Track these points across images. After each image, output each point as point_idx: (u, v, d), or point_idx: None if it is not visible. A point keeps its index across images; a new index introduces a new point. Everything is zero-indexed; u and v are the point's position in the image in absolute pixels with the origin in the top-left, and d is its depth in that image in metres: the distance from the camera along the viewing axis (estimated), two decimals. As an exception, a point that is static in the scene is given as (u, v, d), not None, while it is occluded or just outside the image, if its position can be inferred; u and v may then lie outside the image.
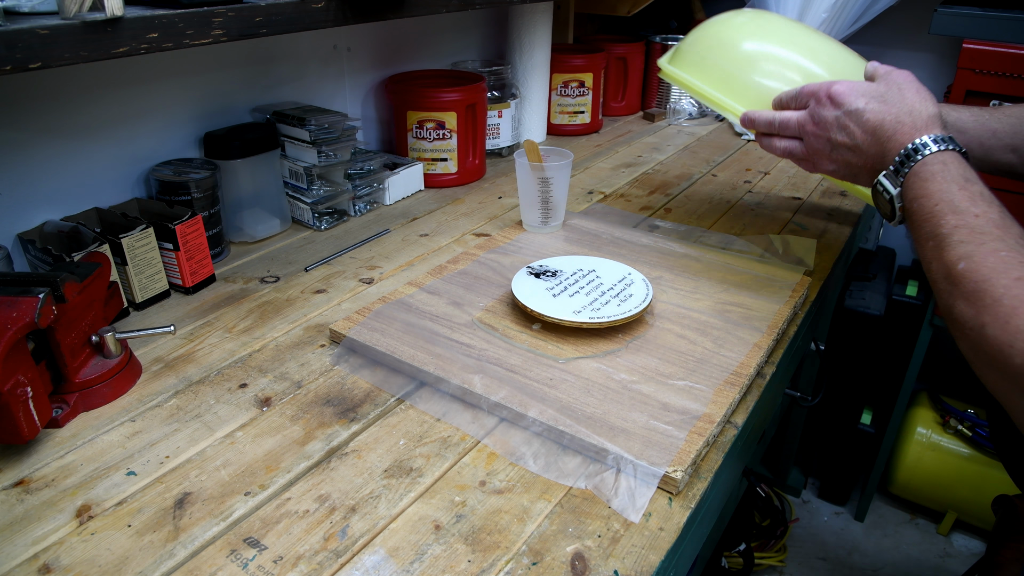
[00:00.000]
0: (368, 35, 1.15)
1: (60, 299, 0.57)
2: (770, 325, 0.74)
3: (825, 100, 0.64)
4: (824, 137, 0.64)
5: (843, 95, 0.63)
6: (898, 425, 1.59)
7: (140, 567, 0.47)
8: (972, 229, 0.47)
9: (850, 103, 0.62)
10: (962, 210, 0.49)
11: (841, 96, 0.63)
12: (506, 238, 0.93)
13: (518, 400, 0.61)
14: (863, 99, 0.62)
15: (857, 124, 0.61)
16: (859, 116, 0.61)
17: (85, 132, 0.81)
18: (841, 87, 0.63)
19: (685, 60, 0.85)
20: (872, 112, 0.60)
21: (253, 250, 0.93)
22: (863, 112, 0.61)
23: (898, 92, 0.61)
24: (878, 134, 0.60)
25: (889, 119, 0.59)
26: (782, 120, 0.69)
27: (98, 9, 0.50)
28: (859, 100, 0.62)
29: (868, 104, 0.61)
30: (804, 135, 0.67)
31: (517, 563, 0.48)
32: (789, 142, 0.69)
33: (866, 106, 0.61)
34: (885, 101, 0.61)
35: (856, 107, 0.62)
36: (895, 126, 0.58)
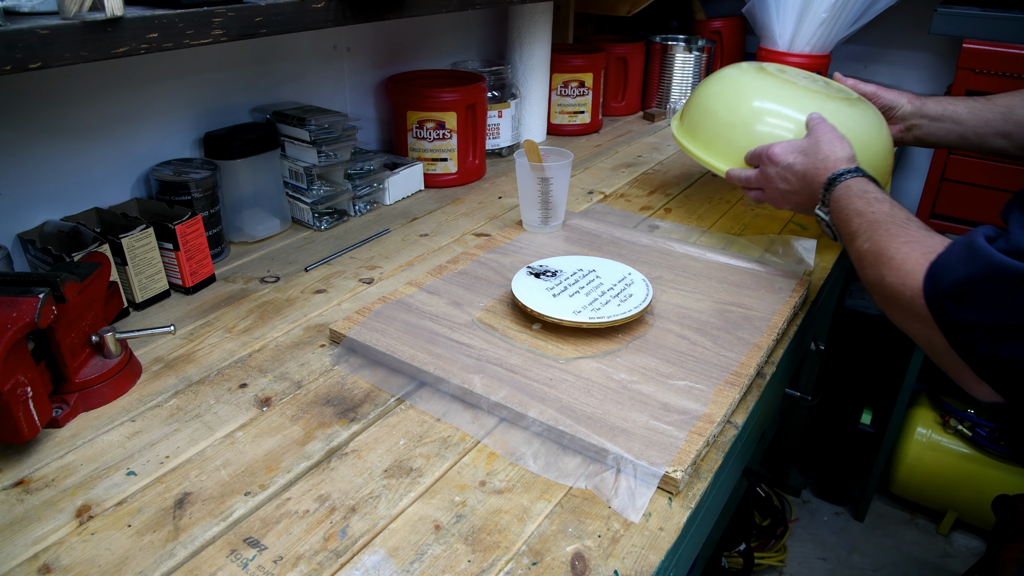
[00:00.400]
0: (368, 35, 1.15)
1: (60, 299, 0.57)
2: (770, 325, 0.74)
3: (767, 160, 0.82)
4: (774, 187, 0.82)
5: (778, 155, 0.81)
6: (898, 425, 1.59)
7: (140, 567, 0.47)
8: (870, 223, 0.64)
9: (783, 160, 0.80)
10: (862, 212, 0.66)
11: (776, 156, 0.81)
12: (506, 238, 0.93)
13: (518, 400, 0.61)
14: (791, 156, 0.79)
15: (792, 174, 0.79)
16: (791, 169, 0.79)
17: (85, 132, 0.81)
18: (776, 148, 0.81)
19: (684, 127, 1.01)
20: (799, 164, 0.78)
21: (253, 250, 0.93)
22: (793, 166, 0.79)
23: (815, 145, 0.77)
24: (806, 179, 0.77)
25: (810, 167, 0.77)
26: (746, 177, 0.87)
27: (98, 9, 0.50)
28: (789, 157, 0.79)
29: (795, 159, 0.79)
30: (762, 187, 0.84)
31: (517, 563, 0.48)
32: (756, 192, 0.86)
33: (794, 161, 0.79)
34: (806, 154, 0.78)
35: (788, 162, 0.79)
36: (815, 172, 0.76)
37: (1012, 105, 0.85)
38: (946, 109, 0.90)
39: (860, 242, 0.63)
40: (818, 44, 1.39)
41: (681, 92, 1.57)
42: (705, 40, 1.59)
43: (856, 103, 0.91)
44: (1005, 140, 0.85)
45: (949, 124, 0.89)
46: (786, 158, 0.79)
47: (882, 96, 0.94)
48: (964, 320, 0.50)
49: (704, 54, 1.55)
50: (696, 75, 1.56)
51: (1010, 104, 0.85)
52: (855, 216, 0.66)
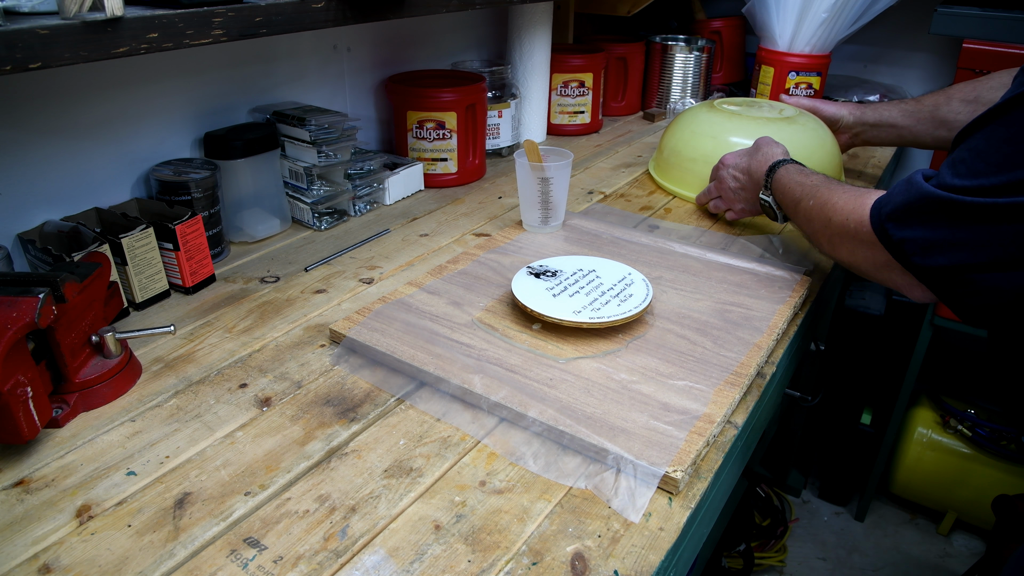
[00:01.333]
0: (368, 35, 1.15)
1: (60, 299, 0.57)
2: (770, 325, 0.74)
3: (719, 167, 0.98)
4: (726, 187, 0.96)
5: (727, 160, 0.96)
6: (898, 425, 1.59)
7: (140, 567, 0.47)
8: (812, 186, 0.77)
9: (731, 162, 0.95)
10: (802, 182, 0.79)
11: (726, 160, 0.97)
12: (506, 238, 0.93)
13: (518, 400, 0.61)
14: (738, 158, 0.94)
15: (739, 171, 0.93)
16: (738, 167, 0.93)
17: (85, 132, 0.82)
18: (726, 157, 0.97)
19: (658, 167, 1.20)
20: (744, 162, 0.92)
21: (253, 250, 0.93)
22: (739, 164, 0.93)
23: (756, 147, 0.91)
24: (751, 172, 0.91)
25: (753, 162, 0.90)
26: (707, 190, 1.03)
27: (98, 9, 0.50)
28: (735, 159, 0.95)
29: (741, 159, 0.94)
30: (719, 192, 0.99)
31: (517, 563, 0.48)
32: (716, 200, 1.00)
33: (739, 161, 0.94)
34: (750, 155, 0.92)
35: (735, 163, 0.94)
36: (758, 164, 0.89)
37: (937, 103, 0.99)
38: (882, 115, 1.06)
39: (805, 202, 0.77)
40: (818, 44, 1.39)
41: (681, 92, 1.57)
42: (705, 40, 1.59)
43: (795, 120, 1.08)
44: (944, 129, 0.98)
45: (887, 128, 1.05)
46: (733, 160, 0.95)
47: (822, 110, 1.11)
48: (901, 237, 0.61)
49: (704, 54, 1.55)
50: (696, 75, 1.56)
51: (935, 102, 0.99)
52: (796, 186, 0.79)
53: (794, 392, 0.97)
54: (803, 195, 0.78)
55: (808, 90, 1.44)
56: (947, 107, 0.97)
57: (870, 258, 0.67)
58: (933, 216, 0.59)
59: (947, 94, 0.98)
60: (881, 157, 1.35)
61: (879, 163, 1.32)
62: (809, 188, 0.77)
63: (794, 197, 0.79)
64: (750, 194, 0.91)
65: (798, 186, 0.79)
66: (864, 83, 1.63)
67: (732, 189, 0.94)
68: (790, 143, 1.02)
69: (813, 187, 0.76)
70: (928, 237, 0.59)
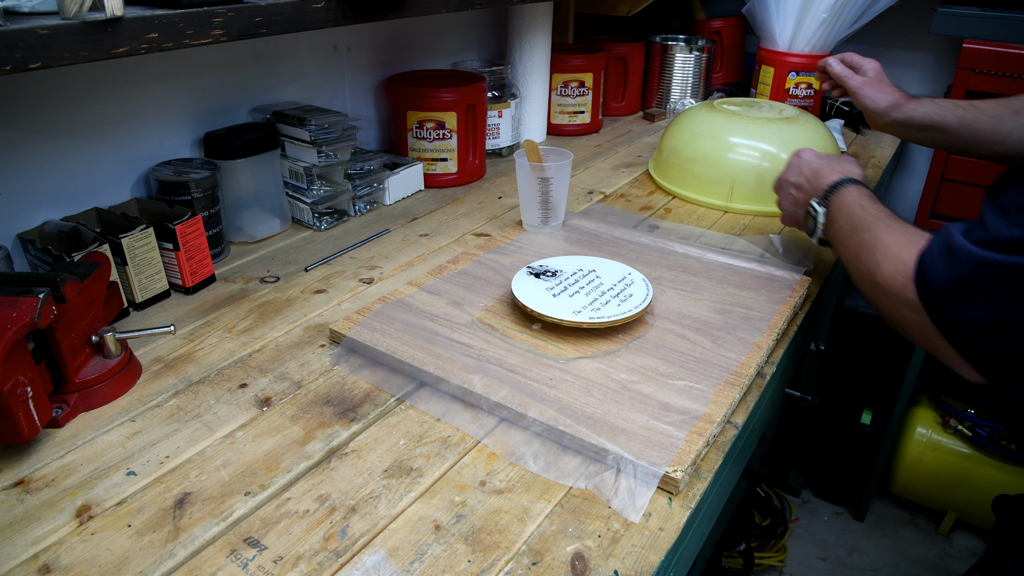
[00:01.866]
0: (368, 35, 1.15)
1: (60, 299, 0.57)
2: (770, 325, 0.74)
3: (795, 156, 0.86)
4: (784, 177, 0.86)
5: (804, 153, 0.85)
6: (898, 425, 1.59)
7: (140, 567, 0.47)
8: (872, 218, 0.66)
9: (805, 156, 0.85)
10: (866, 208, 0.69)
11: (802, 152, 0.86)
12: (506, 238, 0.93)
13: (518, 400, 0.61)
14: (813, 155, 0.84)
15: (805, 167, 0.83)
16: (809, 164, 0.82)
17: (85, 132, 0.81)
18: (805, 151, 0.86)
19: (658, 168, 1.19)
20: (816, 162, 0.82)
21: (253, 250, 0.93)
22: (812, 162, 0.83)
23: (839, 158, 0.82)
24: (818, 175, 0.80)
25: (826, 167, 0.80)
26: None
27: (98, 9, 0.50)
28: (811, 155, 0.84)
29: (815, 157, 0.83)
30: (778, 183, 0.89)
31: (517, 563, 0.48)
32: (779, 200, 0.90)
33: (813, 159, 0.83)
34: (828, 159, 0.82)
35: (807, 159, 0.84)
36: (829, 171, 0.78)
37: (1001, 116, 0.86)
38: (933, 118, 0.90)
39: (860, 234, 0.66)
40: (818, 44, 1.40)
41: (681, 92, 1.57)
42: (705, 40, 1.59)
43: (795, 120, 1.07)
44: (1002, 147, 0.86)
45: (936, 132, 0.91)
46: (808, 155, 0.84)
47: (863, 97, 0.96)
48: (961, 321, 0.50)
49: (704, 54, 1.55)
50: (696, 75, 1.56)
51: (999, 113, 0.86)
52: (859, 209, 0.69)
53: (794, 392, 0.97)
54: (861, 224, 0.66)
55: (808, 90, 1.44)
56: (1013, 122, 0.84)
57: (916, 323, 0.56)
58: (995, 288, 0.47)
59: (1012, 106, 0.86)
60: (881, 157, 1.35)
61: (879, 163, 1.32)
62: (870, 218, 0.66)
63: (851, 222, 0.68)
64: (802, 195, 0.81)
65: (861, 210, 0.68)
66: (864, 83, 1.63)
67: (786, 180, 0.85)
68: (790, 143, 1.03)
69: (875, 218, 0.65)
70: (994, 318, 0.48)
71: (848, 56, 1.00)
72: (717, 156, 1.06)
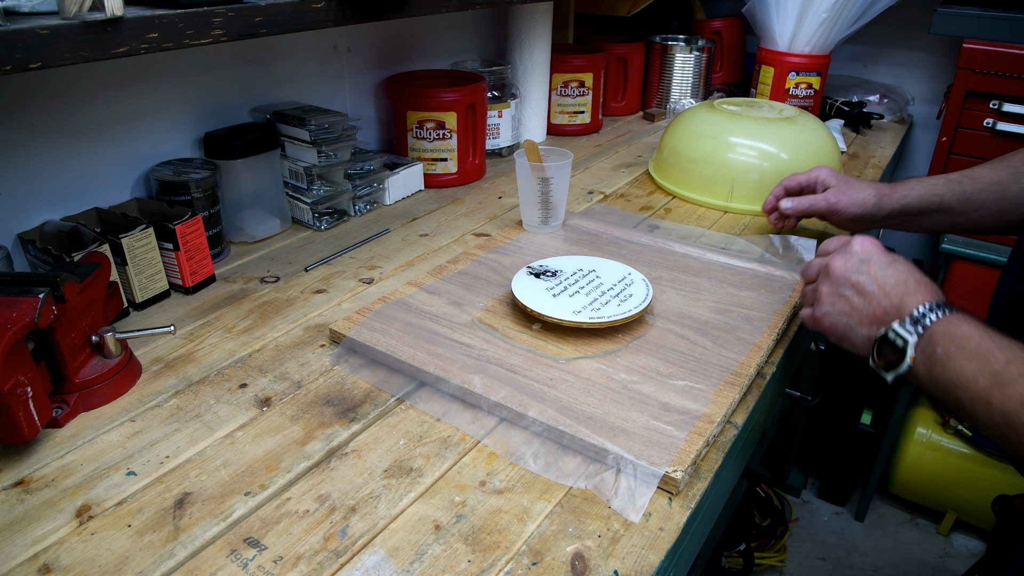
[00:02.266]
0: (368, 35, 1.15)
1: (60, 299, 0.57)
2: (770, 325, 0.74)
3: (852, 243, 0.65)
4: (841, 273, 0.64)
5: (864, 242, 0.65)
6: (898, 425, 1.59)
7: (140, 567, 0.47)
8: (1023, 361, 0.49)
9: (869, 249, 0.64)
10: (1003, 346, 0.51)
11: (861, 242, 0.65)
12: (506, 238, 0.93)
13: (518, 400, 0.61)
14: (879, 253, 0.64)
15: (877, 270, 0.62)
16: (878, 265, 0.62)
17: (85, 132, 0.81)
18: (865, 240, 0.65)
19: (658, 168, 1.18)
20: (888, 267, 0.62)
21: (253, 250, 0.93)
22: (882, 263, 0.62)
23: (911, 267, 0.62)
24: (884, 286, 0.60)
25: (906, 277, 0.60)
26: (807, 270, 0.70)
27: (98, 9, 0.50)
28: (875, 251, 0.64)
29: (885, 260, 0.63)
30: (826, 271, 0.66)
31: (517, 563, 0.48)
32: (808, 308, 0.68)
33: (884, 260, 0.63)
34: (901, 266, 0.62)
35: (875, 256, 0.63)
36: (912, 284, 0.60)
37: (1002, 181, 0.78)
38: (931, 200, 0.81)
39: (1017, 389, 0.48)
40: (818, 44, 1.40)
41: (681, 92, 1.57)
42: (705, 40, 1.59)
43: (795, 120, 1.07)
44: (1016, 214, 0.78)
45: (937, 215, 0.82)
46: (875, 252, 0.63)
47: (844, 209, 0.85)
48: None
49: (704, 54, 1.55)
50: (696, 75, 1.56)
51: (999, 180, 0.79)
52: (996, 350, 0.51)
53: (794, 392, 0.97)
54: (1006, 372, 0.49)
55: (808, 90, 1.44)
56: (1016, 186, 0.77)
57: None
58: None
59: (1010, 168, 0.78)
60: (881, 157, 1.35)
61: (879, 163, 1.32)
62: (1020, 364, 0.49)
63: (984, 369, 0.50)
64: (870, 308, 0.61)
65: (998, 351, 0.51)
66: (864, 83, 1.63)
67: (848, 281, 0.63)
68: (790, 143, 1.03)
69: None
70: None
71: (789, 181, 0.91)
72: (717, 156, 1.06)
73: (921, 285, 0.59)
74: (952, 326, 0.54)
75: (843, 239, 0.66)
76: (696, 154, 1.08)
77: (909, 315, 0.57)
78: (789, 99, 1.44)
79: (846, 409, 1.66)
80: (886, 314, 0.59)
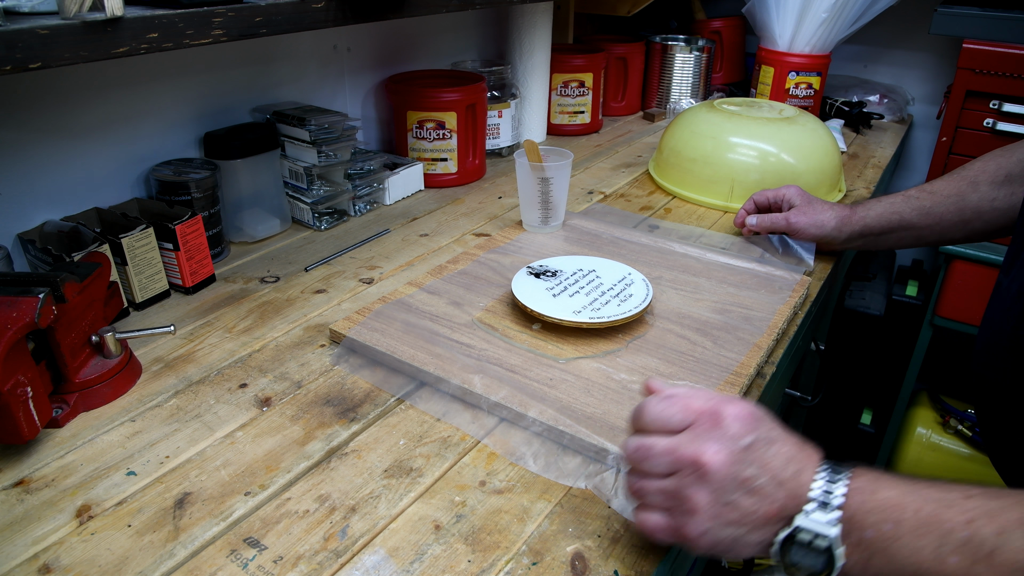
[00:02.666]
0: (368, 35, 1.15)
1: (60, 299, 0.57)
2: (770, 325, 0.74)
3: (721, 434, 0.43)
4: (727, 479, 0.43)
5: (725, 408, 0.44)
6: (898, 425, 1.59)
7: (140, 567, 0.47)
8: (990, 516, 0.38)
9: (727, 415, 0.44)
10: (952, 503, 0.39)
11: (724, 409, 0.44)
12: (506, 238, 0.93)
13: (518, 400, 0.61)
14: (742, 421, 0.44)
15: (765, 460, 0.43)
16: (768, 449, 0.43)
17: (85, 132, 0.81)
18: (733, 406, 0.44)
19: (658, 168, 1.18)
20: (779, 443, 0.44)
21: (253, 250, 0.93)
22: (771, 441, 0.43)
23: (778, 427, 0.45)
24: (791, 466, 0.43)
25: (793, 447, 0.44)
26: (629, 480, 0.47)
27: (98, 9, 0.50)
28: (738, 420, 0.44)
29: (747, 421, 0.44)
30: (685, 468, 0.43)
31: (517, 563, 0.48)
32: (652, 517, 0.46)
33: (770, 430, 0.44)
34: (777, 436, 0.44)
35: (734, 428, 0.43)
36: (799, 451, 0.44)
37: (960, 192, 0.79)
38: (890, 219, 0.82)
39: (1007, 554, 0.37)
40: (818, 44, 1.40)
41: (681, 92, 1.57)
42: (705, 40, 1.59)
43: (795, 120, 1.06)
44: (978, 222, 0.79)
45: (900, 232, 0.83)
46: (749, 428, 0.44)
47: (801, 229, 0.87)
48: None
49: (704, 54, 1.55)
50: (696, 75, 1.56)
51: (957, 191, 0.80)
52: (946, 509, 0.39)
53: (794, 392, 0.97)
54: (976, 532, 0.38)
55: (808, 90, 1.44)
56: (975, 194, 0.79)
57: None
58: None
59: (967, 179, 0.80)
60: (881, 157, 1.35)
61: (879, 163, 1.32)
62: (983, 522, 0.38)
63: (944, 539, 0.38)
64: (758, 514, 0.42)
65: (947, 509, 0.39)
66: (864, 83, 1.63)
67: (722, 503, 0.43)
68: (790, 143, 1.03)
69: (989, 518, 0.38)
70: None
71: (758, 196, 0.93)
72: (717, 156, 1.06)
73: (803, 448, 0.44)
74: (867, 494, 0.41)
75: (698, 405, 0.45)
76: (696, 154, 1.08)
77: (810, 499, 0.41)
78: (789, 99, 1.44)
79: (846, 409, 1.66)
80: (783, 508, 0.42)
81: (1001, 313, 0.59)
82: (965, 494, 0.40)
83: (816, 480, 0.42)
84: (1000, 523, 0.37)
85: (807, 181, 1.02)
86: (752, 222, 0.92)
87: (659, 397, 0.45)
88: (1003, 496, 0.39)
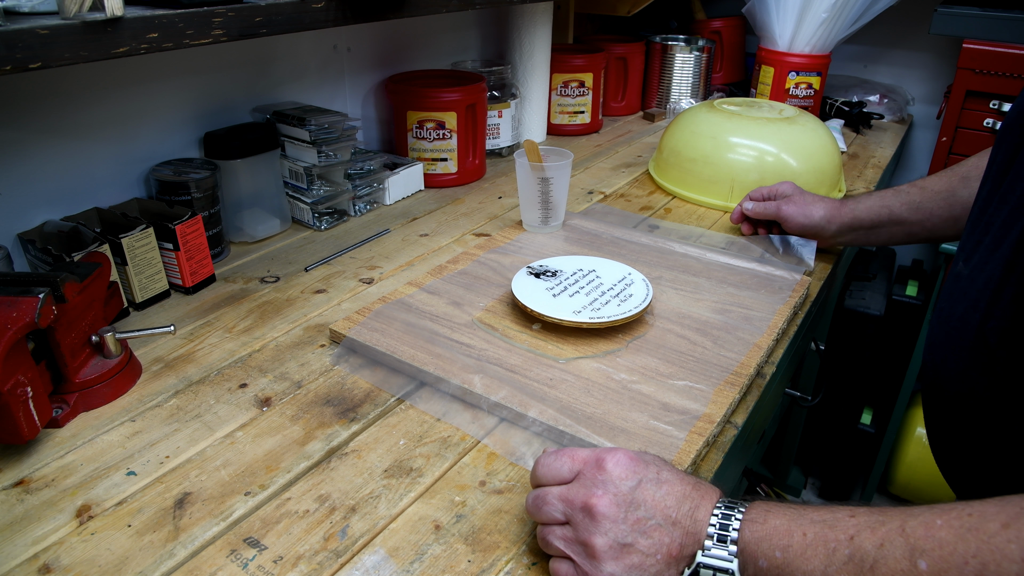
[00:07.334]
0: (368, 35, 1.15)
1: (60, 299, 0.57)
2: (770, 325, 0.74)
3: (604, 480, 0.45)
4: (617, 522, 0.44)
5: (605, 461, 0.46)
6: (898, 425, 1.59)
7: (140, 567, 0.47)
8: (872, 529, 0.39)
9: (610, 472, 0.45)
10: (836, 522, 0.40)
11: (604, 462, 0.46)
12: (506, 238, 0.93)
13: (518, 400, 0.61)
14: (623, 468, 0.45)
15: (655, 500, 0.44)
16: (657, 490, 0.45)
17: (85, 132, 0.81)
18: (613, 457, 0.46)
19: (658, 168, 1.18)
20: (668, 483, 0.45)
21: (253, 250, 0.93)
22: (659, 482, 0.45)
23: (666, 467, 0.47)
24: (684, 504, 0.44)
25: (686, 485, 0.45)
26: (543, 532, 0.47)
27: (98, 9, 0.50)
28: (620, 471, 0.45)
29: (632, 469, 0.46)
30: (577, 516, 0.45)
31: (517, 563, 0.48)
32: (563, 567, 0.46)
33: (658, 472, 0.46)
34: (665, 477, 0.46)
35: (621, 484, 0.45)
36: (694, 490, 0.45)
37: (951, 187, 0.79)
38: (880, 213, 0.83)
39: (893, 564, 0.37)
40: (818, 44, 1.40)
41: (681, 92, 1.57)
42: (705, 40, 1.59)
43: (795, 120, 1.06)
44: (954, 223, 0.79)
45: (891, 227, 0.84)
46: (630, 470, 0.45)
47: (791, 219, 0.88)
48: None
49: (704, 54, 1.55)
50: (696, 75, 1.56)
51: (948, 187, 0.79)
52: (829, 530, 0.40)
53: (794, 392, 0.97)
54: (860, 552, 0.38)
55: (808, 90, 1.44)
56: (965, 191, 0.78)
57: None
58: None
59: (959, 175, 0.80)
60: (881, 157, 1.35)
61: (879, 163, 1.32)
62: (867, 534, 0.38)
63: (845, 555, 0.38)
64: (659, 555, 0.43)
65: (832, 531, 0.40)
66: (864, 83, 1.63)
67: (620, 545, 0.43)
68: (790, 143, 1.03)
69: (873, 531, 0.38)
70: None
71: (755, 193, 0.95)
72: (717, 156, 1.06)
73: (698, 487, 0.45)
74: (759, 524, 0.42)
75: (583, 455, 0.47)
76: (696, 154, 1.08)
77: (708, 535, 0.43)
78: (789, 99, 1.44)
79: (846, 409, 1.66)
80: (683, 547, 0.43)
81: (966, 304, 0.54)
82: (850, 512, 0.40)
83: (713, 516, 0.43)
84: (880, 535, 0.38)
85: (807, 181, 1.02)
86: (748, 207, 0.94)
87: (550, 452, 0.49)
88: (886, 511, 0.40)
